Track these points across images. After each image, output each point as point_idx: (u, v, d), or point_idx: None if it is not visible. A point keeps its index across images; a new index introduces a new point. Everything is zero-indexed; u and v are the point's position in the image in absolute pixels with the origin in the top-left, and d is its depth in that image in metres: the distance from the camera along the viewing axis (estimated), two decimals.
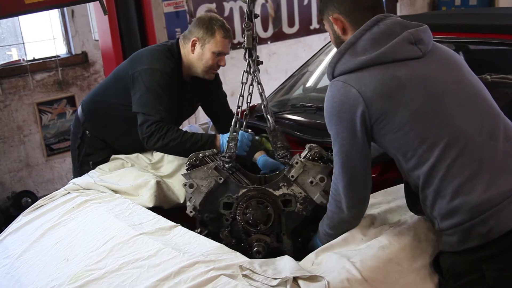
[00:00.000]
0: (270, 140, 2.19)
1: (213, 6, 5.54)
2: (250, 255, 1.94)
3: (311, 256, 1.75)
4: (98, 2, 3.50)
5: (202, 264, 1.72)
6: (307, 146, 2.15)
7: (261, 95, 2.22)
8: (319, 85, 3.39)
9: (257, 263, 1.69)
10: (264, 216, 2.01)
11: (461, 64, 1.81)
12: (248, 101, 2.30)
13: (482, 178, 1.61)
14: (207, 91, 2.85)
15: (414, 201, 1.79)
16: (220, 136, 2.44)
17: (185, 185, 2.06)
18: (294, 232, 2.05)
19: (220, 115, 2.93)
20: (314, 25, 6.51)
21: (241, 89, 2.20)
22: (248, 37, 2.12)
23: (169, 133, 2.45)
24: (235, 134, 2.14)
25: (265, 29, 5.98)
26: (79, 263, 1.91)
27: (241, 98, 2.20)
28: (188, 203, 2.08)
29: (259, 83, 2.21)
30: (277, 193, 2.03)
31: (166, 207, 2.47)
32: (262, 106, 2.18)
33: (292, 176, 2.02)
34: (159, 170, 2.63)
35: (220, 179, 2.04)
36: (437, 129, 1.64)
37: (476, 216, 1.60)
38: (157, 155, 2.69)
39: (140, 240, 1.94)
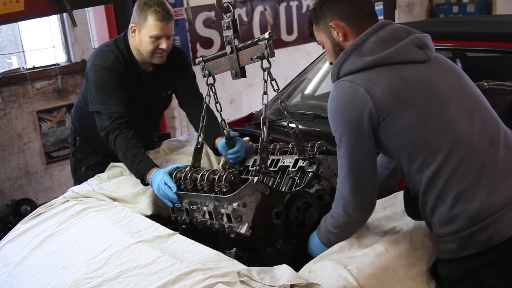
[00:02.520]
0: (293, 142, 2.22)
1: (212, 14, 5.56)
2: (305, 253, 1.99)
3: (309, 264, 1.75)
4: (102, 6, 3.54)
5: (200, 272, 1.72)
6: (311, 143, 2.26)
7: (281, 103, 2.26)
8: (317, 93, 3.41)
9: (254, 270, 1.69)
10: (312, 215, 2.07)
11: (462, 73, 1.83)
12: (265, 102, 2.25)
13: (483, 185, 1.62)
14: (175, 75, 2.77)
15: (412, 206, 1.78)
16: (152, 172, 2.35)
17: (239, 205, 1.91)
18: None
19: (190, 99, 2.83)
20: None
21: (263, 99, 2.20)
22: (271, 47, 2.05)
23: (117, 141, 2.46)
24: (265, 144, 2.15)
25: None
26: (78, 271, 1.92)
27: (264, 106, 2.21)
28: (236, 225, 1.94)
29: (277, 90, 2.22)
30: (312, 190, 2.11)
31: (165, 215, 2.47)
32: (285, 112, 2.23)
33: (322, 172, 2.14)
34: None
35: (267, 190, 1.98)
36: (442, 133, 1.64)
37: (476, 224, 1.60)
38: (156, 162, 2.69)
39: (138, 248, 1.95)
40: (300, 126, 2.74)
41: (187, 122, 5.40)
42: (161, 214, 2.47)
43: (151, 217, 2.32)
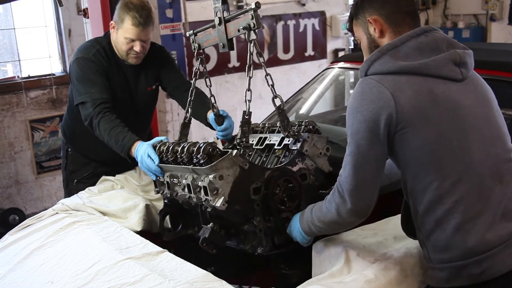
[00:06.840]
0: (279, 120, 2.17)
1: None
2: (284, 233, 1.97)
3: None
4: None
5: None
6: (299, 121, 2.25)
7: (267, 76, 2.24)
8: (312, 113, 3.42)
9: None
10: (293, 194, 2.02)
11: (493, 101, 1.76)
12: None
13: (484, 221, 1.60)
14: (159, 70, 2.84)
15: (409, 223, 1.75)
16: (136, 146, 2.33)
17: (215, 177, 1.84)
18: (310, 204, 2.00)
19: (180, 86, 2.84)
20: (309, 52, 6.57)
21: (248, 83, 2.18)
22: (257, 17, 1.98)
23: (101, 124, 2.47)
24: (247, 117, 2.08)
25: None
26: (64, 286, 1.89)
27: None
28: (211, 198, 1.87)
29: (263, 63, 2.23)
30: (295, 169, 2.08)
31: (155, 231, 2.45)
32: (271, 87, 2.19)
33: (306, 151, 2.10)
34: (148, 193, 2.62)
35: (246, 164, 1.91)
36: (455, 160, 1.60)
37: (470, 257, 1.59)
38: (147, 177, 2.68)
39: (127, 265, 1.93)
40: None
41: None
42: (151, 230, 2.45)
43: (141, 233, 2.30)
